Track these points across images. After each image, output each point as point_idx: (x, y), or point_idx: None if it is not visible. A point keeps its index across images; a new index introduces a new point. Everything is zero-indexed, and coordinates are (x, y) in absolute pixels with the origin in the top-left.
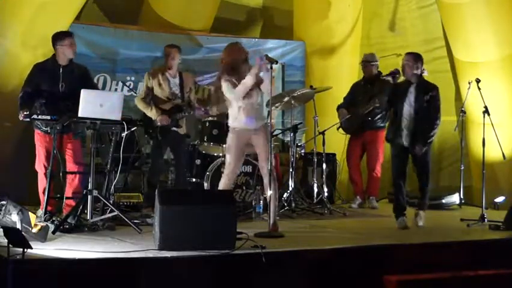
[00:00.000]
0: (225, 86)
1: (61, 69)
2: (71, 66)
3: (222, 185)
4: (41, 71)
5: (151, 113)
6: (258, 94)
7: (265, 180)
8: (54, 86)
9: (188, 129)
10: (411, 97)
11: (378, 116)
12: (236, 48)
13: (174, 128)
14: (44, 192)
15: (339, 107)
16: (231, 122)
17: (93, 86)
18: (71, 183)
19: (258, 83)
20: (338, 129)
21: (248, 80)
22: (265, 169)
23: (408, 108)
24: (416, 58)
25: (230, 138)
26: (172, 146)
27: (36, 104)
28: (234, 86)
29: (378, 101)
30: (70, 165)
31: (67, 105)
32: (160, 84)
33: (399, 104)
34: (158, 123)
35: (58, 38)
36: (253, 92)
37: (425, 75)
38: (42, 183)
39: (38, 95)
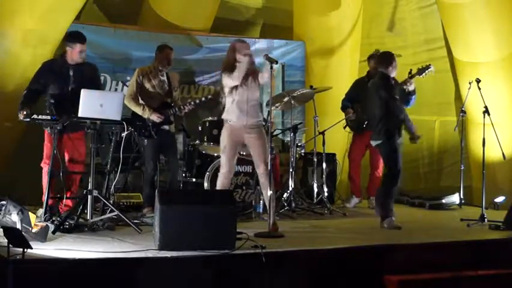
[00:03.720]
0: (224, 77)
1: (71, 69)
2: (82, 67)
3: (220, 184)
4: (49, 71)
5: (144, 112)
6: (253, 90)
7: (261, 180)
8: (63, 86)
9: (188, 129)
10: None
11: None
12: (233, 47)
13: (165, 127)
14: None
15: (344, 106)
16: (224, 115)
17: (99, 87)
18: (75, 183)
19: (253, 75)
20: (344, 127)
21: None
22: (260, 169)
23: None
24: (379, 60)
25: (223, 134)
26: (163, 145)
27: (46, 104)
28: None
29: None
30: (75, 165)
31: (74, 106)
32: (153, 84)
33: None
34: (156, 121)
35: (70, 40)
36: (245, 87)
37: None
38: (46, 178)
39: (45, 95)
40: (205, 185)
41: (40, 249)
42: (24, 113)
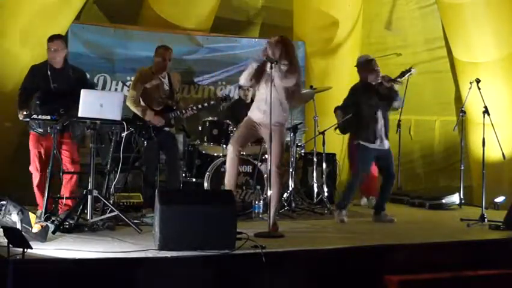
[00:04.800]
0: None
1: (50, 70)
2: (66, 68)
3: (227, 171)
4: (35, 72)
5: (145, 115)
6: (277, 90)
7: (270, 179)
8: (46, 86)
9: (188, 129)
10: None
11: None
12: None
13: (166, 128)
14: (38, 188)
15: (336, 109)
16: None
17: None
18: (68, 183)
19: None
20: (335, 129)
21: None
22: (272, 167)
23: None
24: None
25: (241, 124)
26: (164, 146)
27: (32, 104)
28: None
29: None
30: (68, 165)
31: (60, 106)
32: (154, 86)
33: None
34: (156, 124)
35: (47, 41)
36: (266, 87)
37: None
38: (36, 180)
39: (34, 94)
40: (205, 185)
41: (40, 249)
42: (24, 113)
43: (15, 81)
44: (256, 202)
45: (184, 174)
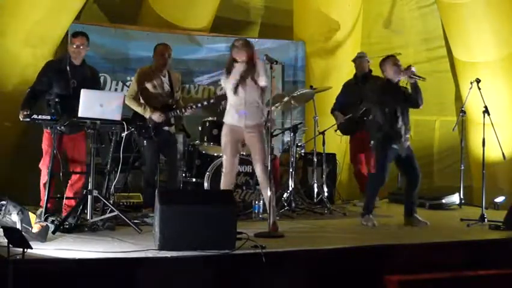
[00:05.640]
0: (222, 79)
1: (69, 67)
2: (84, 66)
3: (222, 184)
4: (52, 70)
5: (145, 111)
6: (252, 92)
7: (260, 180)
8: (65, 84)
9: (188, 129)
10: None
11: None
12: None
13: (166, 128)
14: (45, 186)
15: (333, 110)
16: (224, 117)
17: (100, 89)
18: (76, 184)
19: (253, 77)
20: (335, 131)
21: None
22: (258, 168)
23: None
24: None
25: (223, 133)
26: (163, 146)
27: (51, 103)
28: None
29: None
30: (77, 166)
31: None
32: (154, 85)
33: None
34: (156, 120)
35: (71, 36)
36: (243, 89)
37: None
38: (44, 178)
39: (48, 94)
40: (205, 185)
41: (40, 249)
42: (25, 113)
43: (15, 81)
44: (256, 202)
45: (184, 174)
